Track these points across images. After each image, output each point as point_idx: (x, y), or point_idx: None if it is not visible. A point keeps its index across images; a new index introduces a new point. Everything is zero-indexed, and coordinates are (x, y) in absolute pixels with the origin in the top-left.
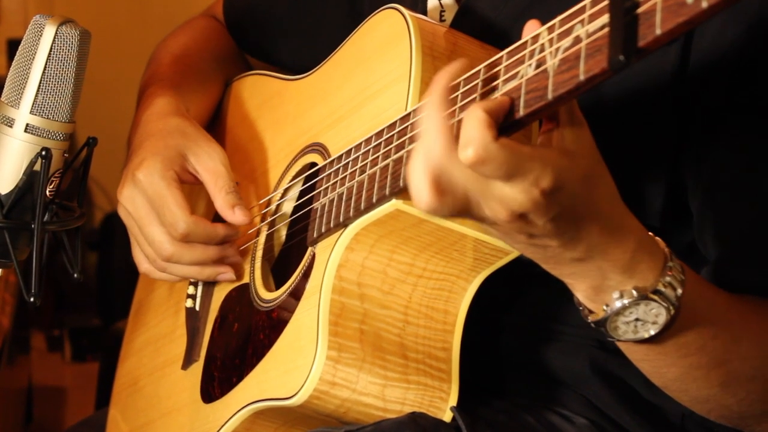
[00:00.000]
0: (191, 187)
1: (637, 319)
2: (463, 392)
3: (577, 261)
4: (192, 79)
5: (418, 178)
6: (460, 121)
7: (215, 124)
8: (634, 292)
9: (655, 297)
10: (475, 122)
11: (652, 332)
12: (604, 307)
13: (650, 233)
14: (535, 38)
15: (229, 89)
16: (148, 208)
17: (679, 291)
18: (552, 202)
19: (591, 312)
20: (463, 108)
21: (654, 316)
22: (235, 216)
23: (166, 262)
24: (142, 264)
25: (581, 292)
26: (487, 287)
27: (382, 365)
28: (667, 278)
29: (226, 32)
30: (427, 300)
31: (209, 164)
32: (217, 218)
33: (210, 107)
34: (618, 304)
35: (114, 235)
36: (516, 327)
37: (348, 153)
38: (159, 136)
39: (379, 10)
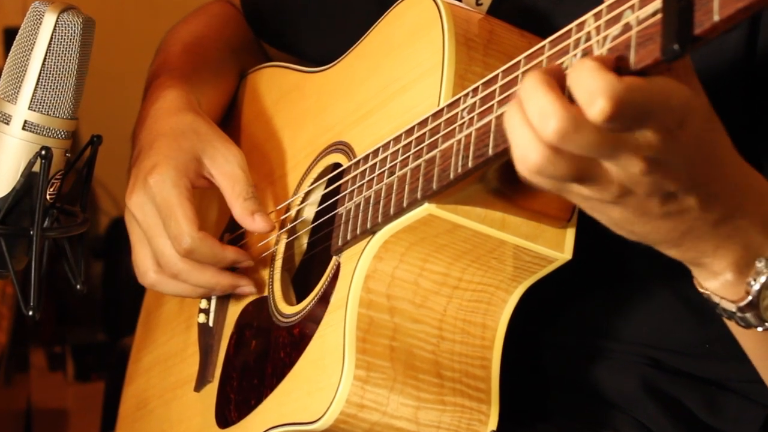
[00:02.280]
0: (202, 192)
1: None
2: (503, 414)
3: (717, 224)
4: (204, 70)
5: (522, 139)
6: (500, 116)
7: (229, 121)
8: None
9: None
10: (589, 71)
11: None
12: (751, 281)
13: None
14: (581, 26)
15: (244, 82)
16: (157, 218)
17: None
18: (685, 137)
19: (733, 301)
20: (501, 103)
21: None
22: (255, 223)
23: (161, 276)
24: (147, 275)
25: (724, 275)
26: (529, 299)
27: (415, 385)
28: None
29: (242, 19)
30: (463, 313)
31: (226, 168)
32: (230, 226)
33: (223, 101)
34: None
35: (121, 243)
36: (561, 343)
37: (375, 153)
38: (171, 136)
39: None
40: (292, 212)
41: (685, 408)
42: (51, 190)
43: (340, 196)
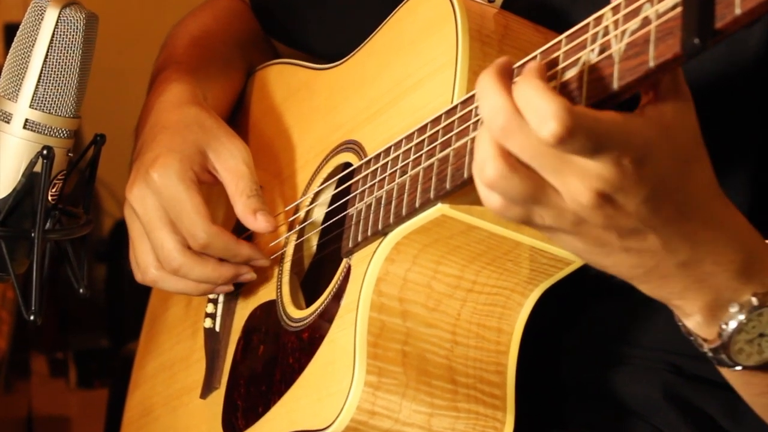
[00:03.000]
0: (210, 188)
1: (761, 335)
2: (519, 422)
3: (684, 266)
4: (211, 65)
5: (483, 150)
6: None
7: (236, 119)
8: (754, 300)
9: None
10: (541, 92)
11: None
12: (723, 326)
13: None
14: (599, 20)
15: (252, 79)
16: (160, 211)
17: None
18: (642, 177)
19: (705, 340)
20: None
21: None
22: (257, 222)
23: (163, 272)
24: (148, 271)
25: (694, 317)
26: (545, 303)
27: (428, 391)
28: None
29: (251, 14)
30: (477, 317)
31: (230, 163)
32: (238, 226)
33: (231, 98)
34: (740, 317)
35: (125, 245)
36: (578, 348)
37: (387, 152)
38: (175, 128)
39: None
40: (301, 213)
41: (706, 415)
42: (53, 190)
43: (350, 196)
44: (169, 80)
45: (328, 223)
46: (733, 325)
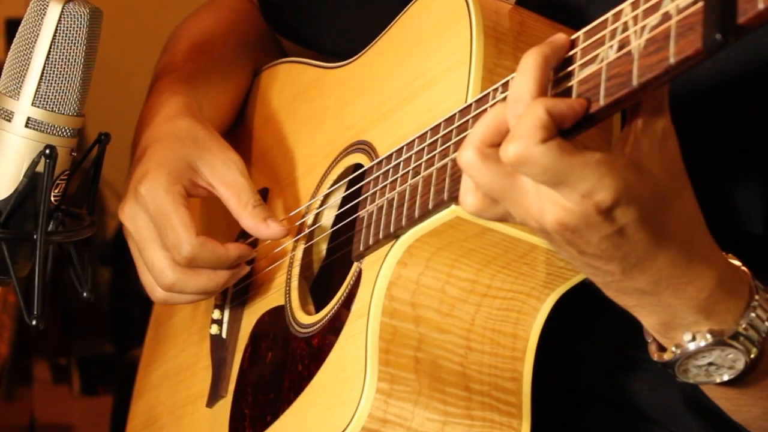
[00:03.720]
0: (210, 207)
1: (710, 364)
2: (535, 430)
3: (642, 292)
4: (211, 70)
5: (470, 136)
6: None
7: (242, 121)
8: (709, 336)
9: (734, 342)
10: (529, 119)
11: (726, 378)
12: (673, 349)
13: (735, 262)
14: (617, 15)
15: (259, 79)
16: (149, 228)
17: (765, 330)
18: (607, 219)
19: (660, 348)
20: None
21: (731, 361)
22: (270, 230)
23: (166, 292)
24: (155, 292)
25: (648, 326)
26: (562, 307)
27: (442, 399)
28: (751, 317)
29: (256, 13)
30: (492, 322)
31: (227, 176)
32: (242, 233)
33: (234, 101)
34: (690, 347)
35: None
36: (596, 354)
37: (399, 152)
38: (166, 142)
39: None
40: (310, 216)
41: (727, 422)
42: (56, 191)
43: (361, 198)
44: (162, 92)
45: (338, 226)
46: (685, 350)
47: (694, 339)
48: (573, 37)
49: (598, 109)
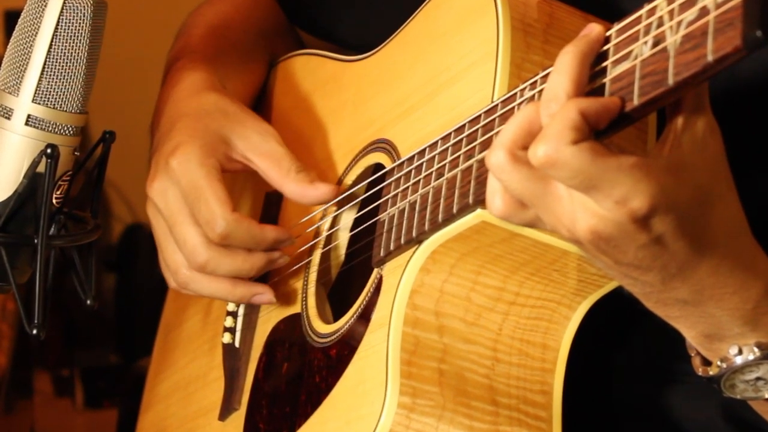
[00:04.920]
0: (232, 185)
1: (758, 378)
2: None
3: (684, 303)
4: (230, 55)
5: (502, 136)
6: None
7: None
8: (757, 350)
9: None
10: (560, 119)
11: None
12: (719, 363)
13: None
14: (652, 10)
15: (275, 71)
16: (181, 203)
17: None
18: (644, 228)
19: (704, 362)
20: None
21: None
22: (319, 191)
23: (194, 272)
24: (179, 272)
25: (691, 339)
26: (594, 316)
27: (467, 413)
28: None
29: (273, 2)
30: (521, 332)
31: (263, 147)
32: (264, 219)
33: (251, 91)
34: (737, 360)
35: (136, 253)
36: (630, 366)
37: (422, 152)
38: (195, 116)
39: None
40: (328, 219)
41: None
42: (58, 193)
43: (382, 200)
44: (184, 69)
45: (358, 229)
46: (730, 365)
47: (740, 352)
48: (606, 33)
49: (632, 108)
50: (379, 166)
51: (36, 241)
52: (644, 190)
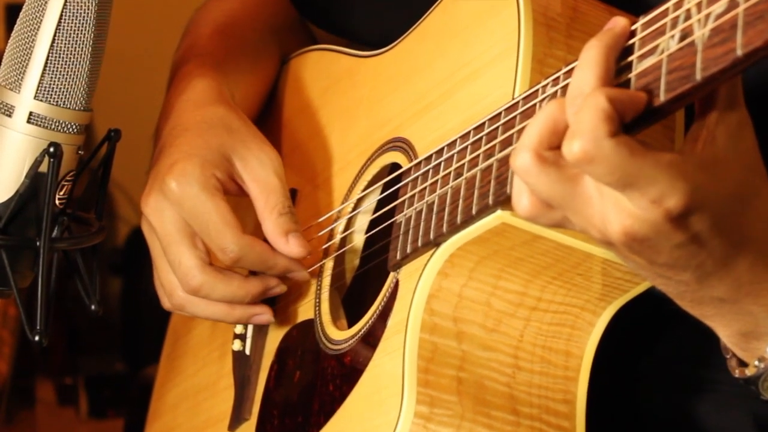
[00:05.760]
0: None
1: None
2: None
3: (721, 301)
4: (239, 55)
5: (526, 136)
6: None
7: (268, 113)
8: None
9: None
10: (592, 110)
11: None
12: (756, 363)
13: None
14: (679, 2)
15: (287, 68)
16: (179, 224)
17: None
18: (680, 227)
19: (740, 363)
20: None
21: None
22: (289, 246)
23: (188, 296)
24: (174, 294)
25: (726, 338)
26: (619, 322)
27: (487, 423)
28: None
29: None
30: (543, 339)
31: (260, 174)
32: None
33: (261, 92)
34: None
35: (142, 256)
36: (657, 374)
37: (440, 151)
38: (197, 130)
39: None
40: (342, 221)
41: None
42: (61, 193)
43: (398, 201)
44: (192, 75)
45: (373, 232)
46: (762, 366)
47: None
48: (631, 27)
49: (658, 105)
50: (395, 166)
51: (38, 243)
52: (681, 188)
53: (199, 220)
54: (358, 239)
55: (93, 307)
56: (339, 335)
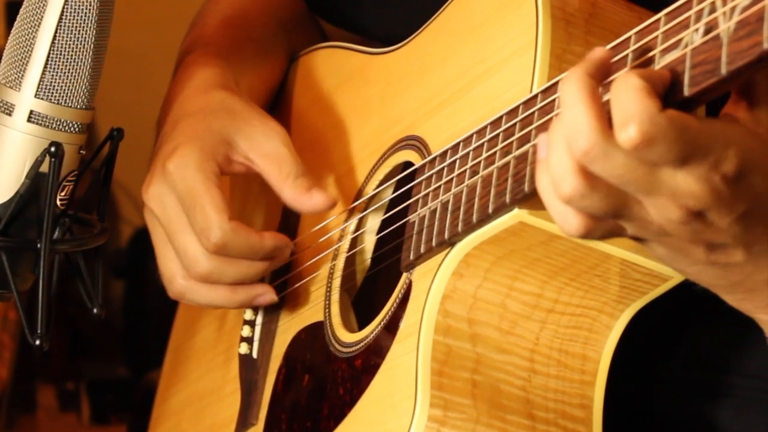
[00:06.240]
0: (246, 194)
1: None
2: None
3: None
4: (247, 48)
5: (558, 160)
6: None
7: (276, 112)
8: None
9: None
10: (632, 92)
11: None
12: None
13: None
14: None
15: (296, 65)
16: (179, 210)
17: None
18: (738, 193)
19: None
20: (607, 88)
21: None
22: (314, 200)
23: (191, 282)
24: (174, 281)
25: None
26: (638, 326)
27: (502, 428)
28: None
29: None
30: (559, 342)
31: (267, 147)
32: (282, 229)
33: (269, 86)
34: None
35: (146, 258)
36: (676, 378)
37: (454, 148)
38: (199, 115)
39: None
40: (354, 220)
41: None
42: (62, 194)
43: (411, 200)
44: (196, 64)
45: (386, 231)
46: None
47: None
48: (653, 19)
49: (682, 100)
50: (408, 165)
51: (39, 245)
52: (735, 151)
53: (188, 201)
54: (370, 239)
55: (95, 310)
56: (349, 338)
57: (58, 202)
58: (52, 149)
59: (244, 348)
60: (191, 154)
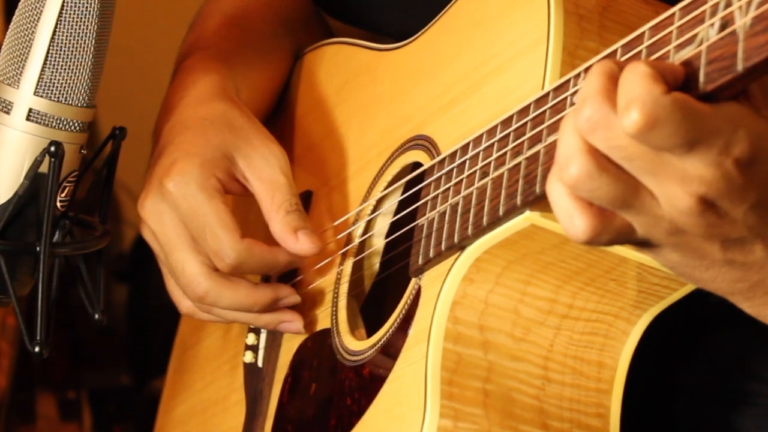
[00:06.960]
0: (244, 201)
1: None
2: None
3: None
4: (249, 48)
5: (568, 145)
6: None
7: (281, 111)
8: None
9: None
10: (637, 77)
11: None
12: None
13: None
14: None
15: (301, 62)
16: (179, 228)
17: None
18: (750, 178)
19: None
20: None
21: None
22: (299, 244)
23: (200, 303)
24: (181, 302)
25: None
26: (655, 331)
27: None
28: None
29: None
30: (574, 349)
31: (264, 171)
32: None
33: (273, 87)
34: None
35: (150, 262)
36: (695, 386)
37: (464, 149)
38: (198, 128)
39: None
40: (361, 224)
41: None
42: (62, 195)
43: (420, 203)
44: (195, 70)
45: (394, 236)
46: None
47: None
48: (668, 13)
49: (697, 96)
50: (417, 166)
51: (38, 248)
52: (745, 133)
53: (195, 222)
54: (378, 243)
55: (97, 316)
56: (357, 345)
57: (58, 204)
58: (52, 149)
59: (249, 357)
60: (192, 171)
